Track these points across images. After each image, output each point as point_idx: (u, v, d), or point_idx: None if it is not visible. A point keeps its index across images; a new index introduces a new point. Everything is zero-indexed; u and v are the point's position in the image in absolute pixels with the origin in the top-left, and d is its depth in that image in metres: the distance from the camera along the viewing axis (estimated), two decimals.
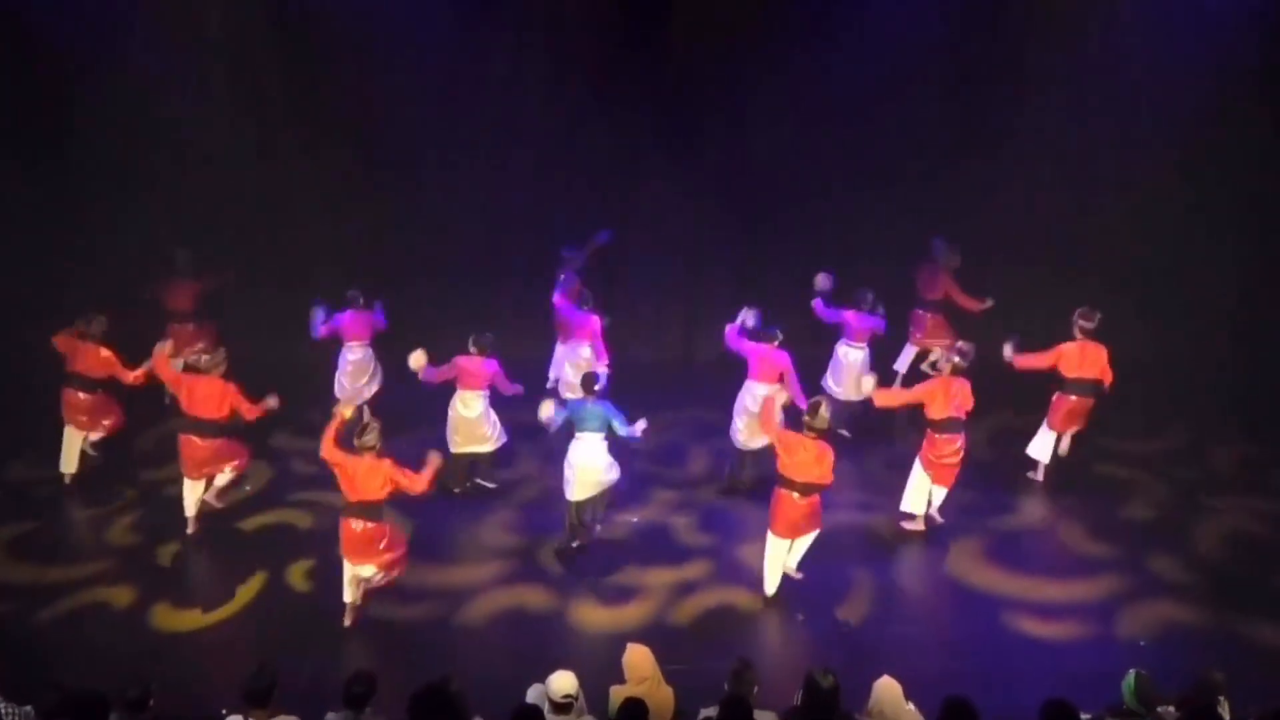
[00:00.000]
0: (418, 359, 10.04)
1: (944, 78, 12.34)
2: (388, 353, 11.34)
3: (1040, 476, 10.61)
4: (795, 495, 8.57)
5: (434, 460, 8.38)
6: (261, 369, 10.49)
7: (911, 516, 9.82)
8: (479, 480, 10.60)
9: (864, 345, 11.28)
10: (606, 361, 11.18)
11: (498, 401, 10.39)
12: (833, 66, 12.08)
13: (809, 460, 8.49)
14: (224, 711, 6.13)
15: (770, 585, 8.85)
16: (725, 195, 12.96)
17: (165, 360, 9.68)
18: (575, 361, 11.33)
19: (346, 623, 8.50)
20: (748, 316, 10.35)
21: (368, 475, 8.14)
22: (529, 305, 12.77)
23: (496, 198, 12.89)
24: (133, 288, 11.80)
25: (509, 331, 11.42)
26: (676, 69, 12.38)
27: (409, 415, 10.77)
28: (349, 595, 8.47)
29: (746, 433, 10.27)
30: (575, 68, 12.39)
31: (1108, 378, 10.10)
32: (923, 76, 12.27)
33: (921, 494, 9.70)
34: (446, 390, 10.29)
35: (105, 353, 9.98)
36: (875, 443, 11.42)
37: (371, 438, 8.14)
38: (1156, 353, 9.84)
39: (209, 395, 9.34)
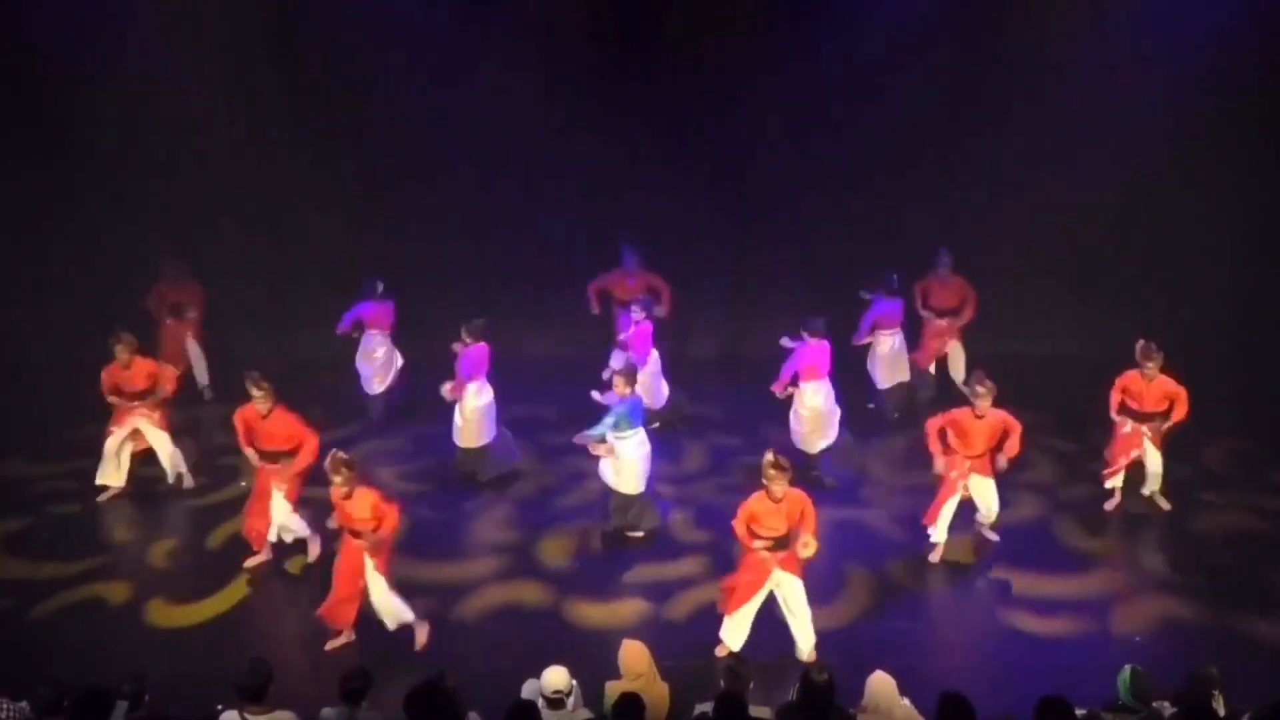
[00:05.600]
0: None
1: (940, 77, 12.35)
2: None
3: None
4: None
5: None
6: (256, 367, 10.44)
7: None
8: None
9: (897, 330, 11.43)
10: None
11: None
12: (827, 67, 12.14)
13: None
14: (219, 707, 6.13)
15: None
16: (719, 195, 12.97)
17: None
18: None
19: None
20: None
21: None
22: (524, 305, 12.80)
23: (491, 198, 12.89)
24: (129, 295, 11.89)
25: (505, 331, 11.45)
26: (671, 69, 12.39)
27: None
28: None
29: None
30: (570, 67, 12.39)
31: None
32: (917, 76, 12.29)
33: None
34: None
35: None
36: (872, 437, 11.45)
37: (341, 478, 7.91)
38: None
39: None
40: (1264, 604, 8.78)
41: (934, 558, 9.41)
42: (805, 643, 8.07)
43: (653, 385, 11.24)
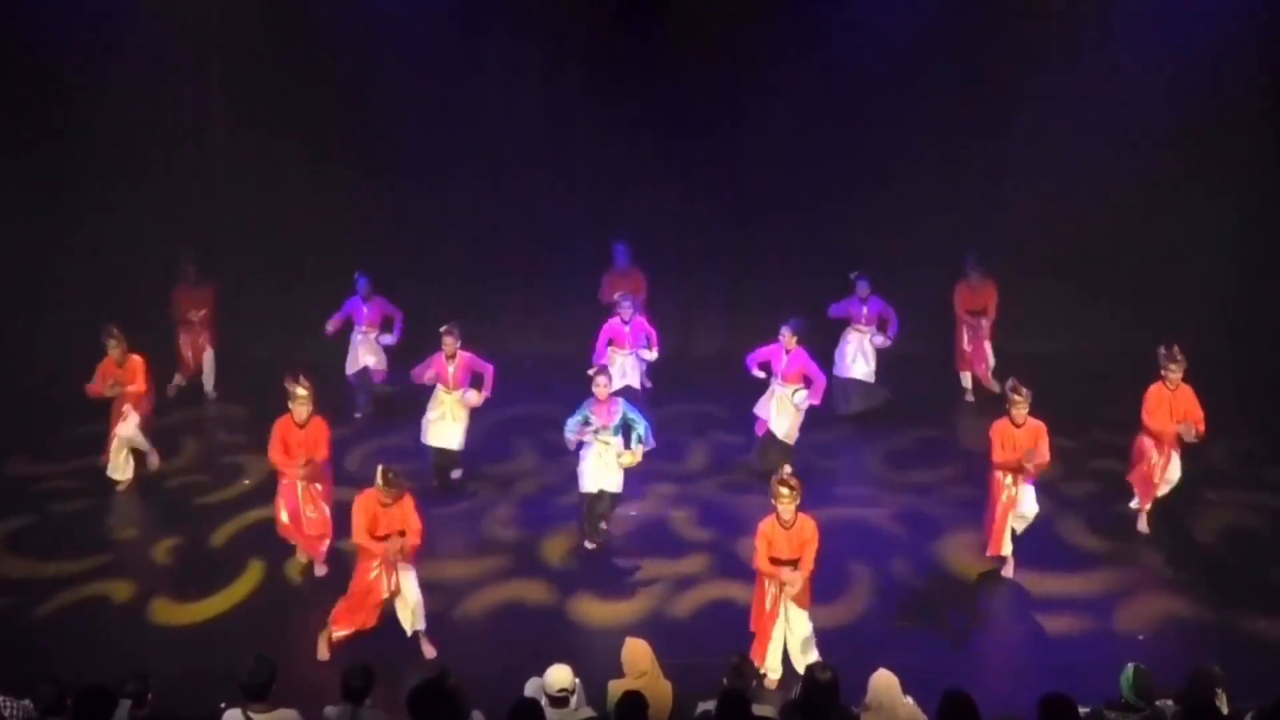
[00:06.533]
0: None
1: (940, 76, 12.38)
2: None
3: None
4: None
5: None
6: (257, 365, 10.48)
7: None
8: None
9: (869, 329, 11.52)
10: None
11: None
12: (831, 64, 12.13)
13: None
14: (223, 705, 6.13)
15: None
16: (721, 192, 12.98)
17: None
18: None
19: None
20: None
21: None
22: (524, 302, 12.79)
23: (491, 195, 12.90)
24: (142, 294, 11.93)
25: (502, 329, 11.44)
26: (673, 68, 12.41)
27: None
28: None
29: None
30: (572, 63, 12.41)
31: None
32: (920, 75, 12.33)
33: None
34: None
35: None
36: (875, 436, 11.44)
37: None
38: (1154, 347, 9.80)
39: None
40: (1266, 602, 8.78)
41: (1007, 572, 9.16)
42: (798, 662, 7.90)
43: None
